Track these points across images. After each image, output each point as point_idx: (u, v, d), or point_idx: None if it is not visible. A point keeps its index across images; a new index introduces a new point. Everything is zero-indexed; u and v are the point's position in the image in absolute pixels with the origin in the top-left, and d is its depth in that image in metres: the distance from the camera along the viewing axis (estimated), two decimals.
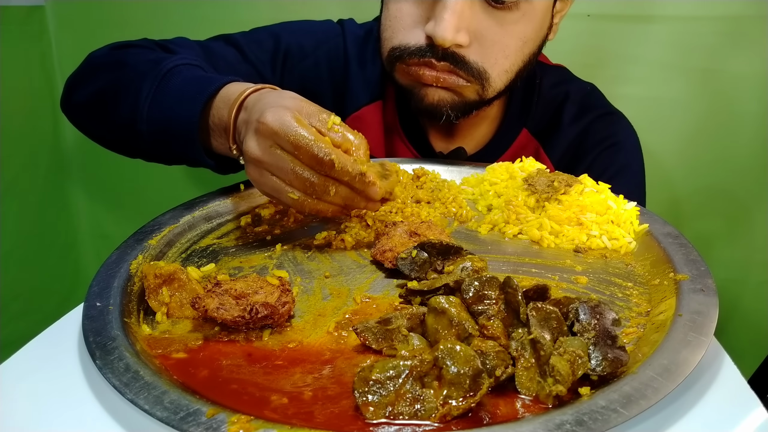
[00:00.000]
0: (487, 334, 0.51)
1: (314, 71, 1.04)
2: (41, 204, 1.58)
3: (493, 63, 0.88)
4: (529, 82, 1.03)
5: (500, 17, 0.85)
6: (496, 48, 0.87)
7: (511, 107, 1.05)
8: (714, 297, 0.57)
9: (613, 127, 1.05)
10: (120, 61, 0.87)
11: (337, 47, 1.05)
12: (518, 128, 1.05)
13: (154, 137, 0.80)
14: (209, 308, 0.55)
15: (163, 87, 0.79)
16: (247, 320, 0.55)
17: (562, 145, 1.04)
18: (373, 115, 1.05)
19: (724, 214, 1.46)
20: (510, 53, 0.88)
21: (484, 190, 0.84)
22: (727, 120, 1.37)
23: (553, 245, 0.73)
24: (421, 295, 0.59)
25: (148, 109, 0.79)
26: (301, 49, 1.03)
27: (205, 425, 0.42)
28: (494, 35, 0.86)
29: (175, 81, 0.79)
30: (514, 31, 0.87)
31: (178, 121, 0.76)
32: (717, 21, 1.30)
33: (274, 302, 0.56)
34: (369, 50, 1.05)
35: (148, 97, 0.79)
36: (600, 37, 1.37)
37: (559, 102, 1.06)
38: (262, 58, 1.01)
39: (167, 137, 0.79)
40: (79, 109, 0.92)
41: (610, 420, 0.42)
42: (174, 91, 0.78)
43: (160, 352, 0.53)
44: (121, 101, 0.82)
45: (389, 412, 0.45)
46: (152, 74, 0.80)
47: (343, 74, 1.05)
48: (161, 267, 0.60)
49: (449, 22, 0.81)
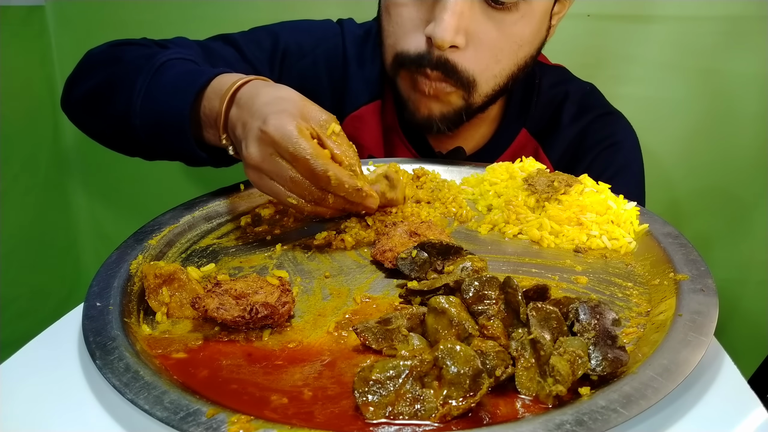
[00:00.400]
0: (487, 334, 0.51)
1: (313, 70, 1.04)
2: (41, 204, 1.57)
3: (484, 68, 0.88)
4: (528, 82, 1.03)
5: (499, 19, 0.85)
6: (489, 53, 0.87)
7: (510, 107, 1.05)
8: (714, 297, 0.57)
9: (612, 127, 1.05)
10: (116, 57, 0.88)
11: (336, 47, 1.05)
12: (517, 128, 1.05)
13: (147, 131, 0.80)
14: (209, 308, 0.55)
15: (156, 81, 0.80)
16: (247, 320, 0.55)
17: (561, 145, 1.04)
18: (372, 115, 1.06)
19: (724, 214, 1.46)
20: (502, 57, 0.89)
21: (484, 190, 0.84)
22: (727, 120, 1.37)
23: (553, 245, 0.73)
24: (421, 295, 0.59)
25: (141, 102, 0.79)
26: (299, 48, 1.04)
27: (205, 425, 0.42)
28: (490, 38, 0.86)
29: (168, 74, 0.80)
30: (512, 33, 0.87)
31: (170, 114, 0.77)
32: (717, 21, 1.30)
33: (274, 302, 0.56)
34: (368, 50, 1.05)
35: (141, 91, 0.79)
36: (600, 37, 1.37)
37: (558, 102, 1.06)
38: (260, 57, 1.01)
39: (160, 130, 0.79)
40: (77, 105, 0.92)
41: (610, 420, 0.42)
42: (166, 85, 0.79)
43: (160, 352, 0.53)
44: (116, 96, 0.83)
45: (389, 412, 0.45)
46: (146, 68, 0.81)
47: (342, 74, 1.05)
48: (161, 267, 0.60)
49: (449, 23, 0.82)
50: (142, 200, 1.66)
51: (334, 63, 1.05)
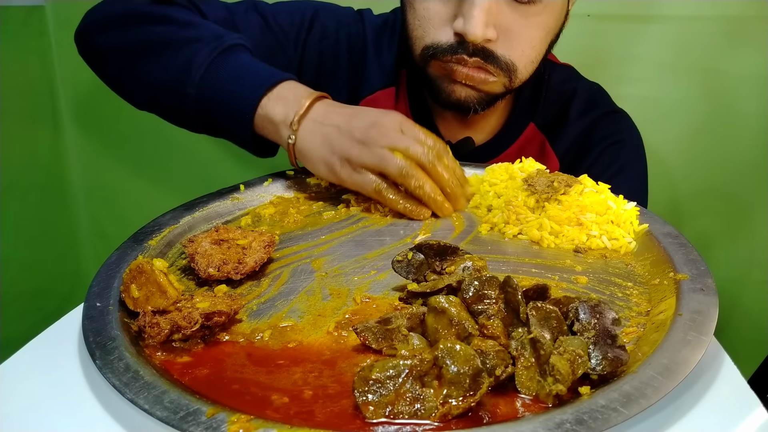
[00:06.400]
0: (487, 334, 0.51)
1: (334, 52, 1.07)
2: (41, 204, 1.57)
3: (521, 55, 0.90)
4: (538, 78, 1.05)
5: (524, 11, 0.87)
6: (522, 40, 0.89)
7: (519, 101, 1.06)
8: (714, 296, 0.57)
9: (618, 125, 1.07)
10: (169, 18, 0.88)
11: (358, 32, 1.08)
12: (526, 122, 1.07)
13: (200, 106, 0.83)
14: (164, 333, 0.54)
15: (224, 61, 0.83)
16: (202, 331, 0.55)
17: (567, 139, 1.06)
18: (386, 100, 1.08)
19: (724, 214, 1.46)
20: (536, 44, 0.91)
21: (484, 190, 0.84)
22: (727, 120, 1.37)
23: (553, 245, 0.73)
24: (423, 298, 0.59)
25: (203, 75, 0.82)
26: (324, 29, 1.06)
27: (205, 425, 0.42)
28: (520, 28, 0.88)
29: (238, 59, 0.84)
30: (538, 23, 0.89)
31: (234, 100, 0.81)
32: (717, 21, 1.30)
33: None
34: (385, 38, 1.08)
35: (203, 64, 0.82)
36: (600, 37, 1.37)
37: (566, 98, 1.08)
38: (287, 30, 1.03)
39: (217, 108, 0.83)
40: (106, 51, 0.92)
41: (610, 419, 0.42)
42: (236, 69, 0.83)
43: (160, 353, 0.53)
44: (169, 58, 0.84)
45: (389, 412, 0.45)
46: (213, 44, 0.83)
47: (360, 58, 1.08)
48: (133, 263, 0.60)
49: (478, 19, 0.83)
50: (143, 200, 1.66)
51: (354, 47, 1.08)
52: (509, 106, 1.07)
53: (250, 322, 0.59)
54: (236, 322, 0.58)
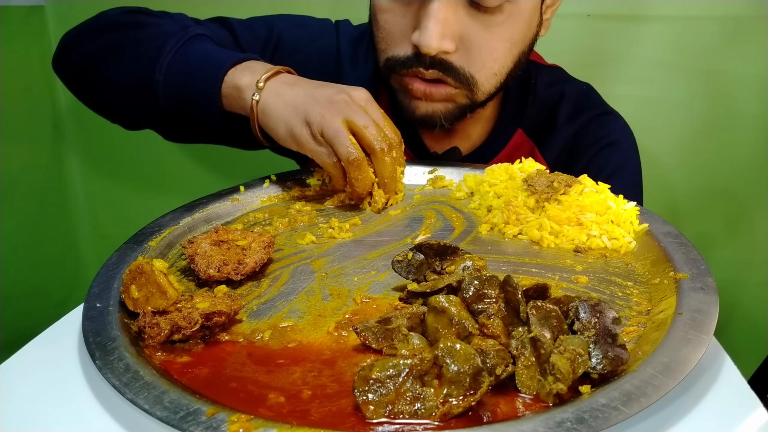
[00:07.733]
0: (487, 333, 0.51)
1: (305, 66, 1.04)
2: (41, 204, 1.57)
3: (481, 67, 0.88)
4: (524, 82, 1.03)
5: (485, 21, 0.85)
6: (483, 52, 0.87)
7: (505, 107, 1.04)
8: (714, 295, 0.57)
9: (608, 127, 1.05)
10: (138, 23, 0.92)
11: (330, 45, 1.06)
12: (513, 128, 1.05)
13: (168, 88, 0.84)
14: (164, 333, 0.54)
15: (190, 46, 0.85)
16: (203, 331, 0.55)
17: (557, 145, 1.04)
18: None
19: (724, 214, 1.46)
20: (498, 56, 0.88)
21: (484, 191, 0.84)
22: (727, 120, 1.37)
23: (553, 245, 0.73)
24: (423, 297, 0.59)
25: (170, 61, 0.84)
26: (294, 42, 1.05)
27: (204, 424, 0.42)
28: (480, 39, 0.86)
29: (200, 45, 0.86)
30: (501, 34, 0.86)
31: (202, 73, 0.83)
32: (717, 21, 1.30)
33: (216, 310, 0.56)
34: (362, 50, 1.05)
35: (171, 51, 0.84)
36: (599, 37, 1.37)
37: (554, 102, 1.05)
38: (253, 44, 1.02)
39: (184, 88, 0.84)
40: (80, 63, 0.94)
41: (611, 418, 0.42)
42: (201, 51, 0.85)
43: (160, 353, 0.53)
44: (140, 54, 0.87)
45: (389, 411, 0.45)
46: (179, 35, 0.86)
47: (334, 72, 1.05)
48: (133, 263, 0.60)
49: (433, 30, 0.81)
50: (143, 201, 1.66)
51: (327, 61, 1.05)
52: (496, 113, 1.05)
53: (250, 322, 0.59)
54: (236, 322, 0.58)
